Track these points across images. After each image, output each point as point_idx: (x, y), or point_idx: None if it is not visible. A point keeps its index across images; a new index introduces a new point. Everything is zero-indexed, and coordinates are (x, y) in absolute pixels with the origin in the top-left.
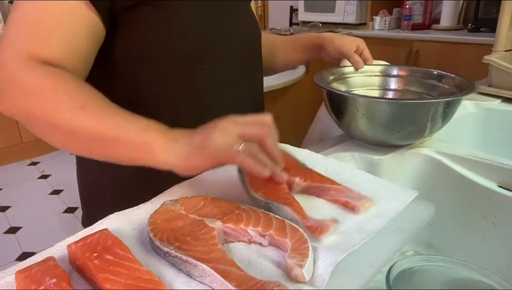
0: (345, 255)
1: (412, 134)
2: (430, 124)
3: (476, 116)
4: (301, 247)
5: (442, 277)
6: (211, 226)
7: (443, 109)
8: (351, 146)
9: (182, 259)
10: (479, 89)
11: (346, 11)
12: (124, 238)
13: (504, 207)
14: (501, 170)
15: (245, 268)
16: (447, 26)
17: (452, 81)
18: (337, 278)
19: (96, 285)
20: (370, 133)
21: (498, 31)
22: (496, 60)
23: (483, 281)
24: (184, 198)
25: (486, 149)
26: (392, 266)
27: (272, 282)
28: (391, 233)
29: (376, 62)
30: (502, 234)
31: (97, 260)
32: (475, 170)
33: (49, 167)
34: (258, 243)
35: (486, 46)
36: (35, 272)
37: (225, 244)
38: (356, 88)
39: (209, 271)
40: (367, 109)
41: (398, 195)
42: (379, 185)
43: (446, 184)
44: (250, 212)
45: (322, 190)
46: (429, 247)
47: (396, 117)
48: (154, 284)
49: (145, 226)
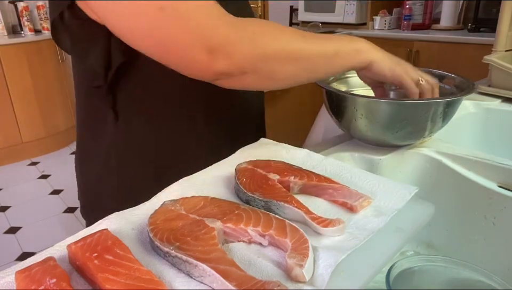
0: (345, 256)
1: (412, 134)
2: (430, 124)
3: (476, 116)
4: (301, 246)
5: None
6: (211, 226)
7: (443, 109)
8: (351, 146)
9: (182, 259)
10: (479, 89)
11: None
12: (123, 238)
13: (504, 207)
14: (501, 170)
15: (245, 268)
16: (447, 26)
17: (452, 81)
18: (337, 278)
19: (96, 285)
20: (370, 133)
21: (498, 31)
22: (496, 60)
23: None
24: (184, 198)
25: (486, 149)
26: (392, 266)
27: (272, 282)
28: (391, 233)
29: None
30: (502, 234)
31: (97, 260)
32: (475, 170)
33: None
34: (258, 243)
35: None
36: (35, 272)
37: (225, 244)
38: (356, 88)
39: (209, 271)
40: (366, 109)
41: (398, 193)
42: (378, 183)
43: (446, 184)
44: (250, 212)
45: (320, 188)
46: (429, 247)
47: (395, 117)
48: (154, 284)
49: (145, 226)
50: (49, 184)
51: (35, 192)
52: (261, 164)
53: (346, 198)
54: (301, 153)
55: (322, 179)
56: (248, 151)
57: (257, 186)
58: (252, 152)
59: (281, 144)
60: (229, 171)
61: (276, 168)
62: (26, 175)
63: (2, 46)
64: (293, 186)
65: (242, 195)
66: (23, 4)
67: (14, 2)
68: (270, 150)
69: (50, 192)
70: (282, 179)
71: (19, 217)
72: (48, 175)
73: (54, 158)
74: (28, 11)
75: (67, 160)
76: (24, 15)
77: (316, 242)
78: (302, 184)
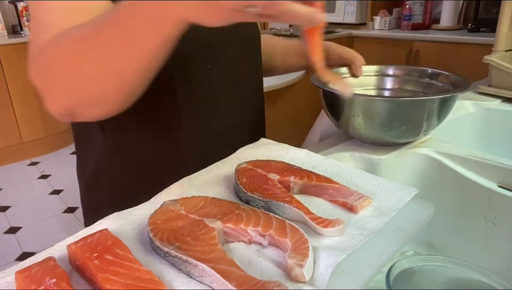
0: (345, 256)
1: (407, 131)
2: (426, 122)
3: (476, 116)
4: (301, 246)
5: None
6: (211, 226)
7: (438, 106)
8: (351, 146)
9: (182, 259)
10: (479, 89)
11: (346, 12)
12: (123, 238)
13: (504, 207)
14: (501, 170)
15: (245, 268)
16: (447, 26)
17: (447, 79)
18: (337, 278)
19: (96, 285)
20: (365, 132)
21: (498, 31)
22: (496, 60)
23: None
24: (184, 198)
25: (486, 149)
26: (392, 266)
27: (272, 282)
28: (391, 233)
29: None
30: (502, 234)
31: (97, 260)
32: (475, 170)
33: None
34: (258, 243)
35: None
36: (35, 272)
37: (225, 244)
38: (353, 88)
39: (209, 271)
40: (361, 107)
41: (398, 194)
42: (378, 184)
43: (446, 184)
44: (250, 212)
45: (321, 188)
46: (429, 247)
47: (389, 114)
48: (155, 284)
49: (145, 226)
50: (49, 184)
51: (35, 192)
52: (260, 165)
53: (346, 198)
54: (301, 154)
55: (323, 179)
56: (248, 151)
57: (257, 186)
58: (252, 152)
59: (281, 144)
60: (229, 171)
61: (275, 168)
62: (26, 175)
63: (2, 46)
64: (293, 186)
65: (242, 195)
66: (23, 4)
67: (14, 2)
68: (270, 150)
69: (50, 192)
70: (282, 179)
71: (19, 217)
72: (48, 175)
73: (54, 158)
74: (27, 11)
75: (67, 160)
76: (24, 15)
77: (316, 242)
78: (302, 184)
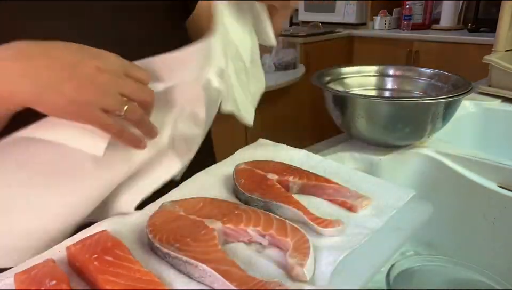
0: (345, 254)
1: (411, 134)
2: (430, 124)
3: (476, 116)
4: (302, 246)
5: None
6: (211, 227)
7: (443, 108)
8: (351, 146)
9: (182, 260)
10: (479, 89)
11: (346, 11)
12: (123, 239)
13: (504, 207)
14: (501, 170)
15: (245, 269)
16: (447, 26)
17: (449, 80)
18: (337, 278)
19: (96, 286)
20: (369, 133)
21: (498, 31)
22: (496, 60)
23: (483, 281)
24: (183, 199)
25: (486, 149)
26: (392, 266)
27: (273, 282)
28: (390, 232)
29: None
30: (502, 234)
31: (97, 261)
32: (475, 170)
33: None
34: (259, 243)
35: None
36: (34, 274)
37: (225, 245)
38: (353, 89)
39: (210, 272)
40: (365, 109)
41: (396, 194)
42: (377, 184)
43: (446, 184)
44: (250, 212)
45: (320, 188)
46: (429, 247)
47: (395, 117)
48: (155, 285)
49: (144, 228)
50: None
51: None
52: (259, 165)
53: (346, 198)
54: (299, 154)
55: (322, 179)
56: (247, 152)
57: (256, 186)
58: (251, 153)
59: (280, 145)
60: (229, 172)
61: (274, 168)
62: None
63: None
64: (292, 186)
65: (241, 196)
66: None
67: None
68: (269, 151)
69: None
70: (281, 179)
71: None
72: None
73: None
74: None
75: None
76: None
77: (316, 241)
78: (301, 184)
